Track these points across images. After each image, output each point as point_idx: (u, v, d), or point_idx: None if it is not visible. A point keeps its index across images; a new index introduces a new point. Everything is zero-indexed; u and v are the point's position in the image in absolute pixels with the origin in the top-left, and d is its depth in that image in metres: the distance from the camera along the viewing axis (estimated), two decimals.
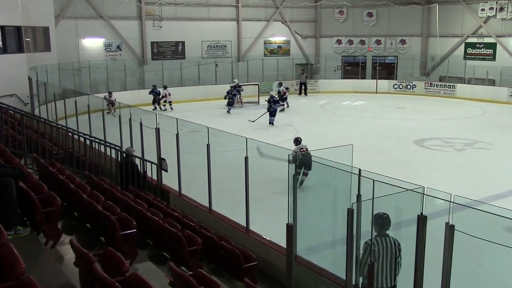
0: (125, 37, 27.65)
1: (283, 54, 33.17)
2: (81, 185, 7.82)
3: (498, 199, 11.19)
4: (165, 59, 28.87)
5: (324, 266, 6.27)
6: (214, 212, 8.77)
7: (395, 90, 31.05)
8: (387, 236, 5.51)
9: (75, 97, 15.83)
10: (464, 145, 17.14)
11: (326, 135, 18.27)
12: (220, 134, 9.86)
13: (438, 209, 4.80)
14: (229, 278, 6.45)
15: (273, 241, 7.33)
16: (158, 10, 28.44)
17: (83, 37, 26.49)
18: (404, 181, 4.89)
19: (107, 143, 11.81)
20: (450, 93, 29.28)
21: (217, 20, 30.41)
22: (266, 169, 12.10)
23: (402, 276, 5.56)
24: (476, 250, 6.19)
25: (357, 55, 33.52)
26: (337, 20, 33.67)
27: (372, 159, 13.64)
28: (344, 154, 6.67)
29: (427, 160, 15.44)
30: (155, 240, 6.91)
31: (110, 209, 6.51)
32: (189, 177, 10.08)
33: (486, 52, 29.35)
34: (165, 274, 5.60)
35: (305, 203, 6.66)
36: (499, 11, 28.25)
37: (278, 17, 32.63)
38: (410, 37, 32.36)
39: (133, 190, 9.27)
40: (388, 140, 18.10)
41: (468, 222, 4.55)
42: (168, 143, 10.20)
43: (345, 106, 26.85)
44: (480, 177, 13.49)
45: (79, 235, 6.61)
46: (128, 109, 12.16)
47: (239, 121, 21.43)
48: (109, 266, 4.32)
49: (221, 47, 30.94)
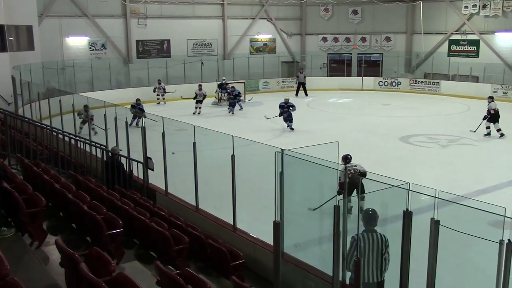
0: (109, 36, 27.45)
1: (269, 52, 33.18)
2: (66, 185, 7.75)
3: (482, 194, 11.31)
4: (151, 58, 28.73)
5: (311, 263, 6.29)
6: (201, 210, 8.75)
7: (380, 87, 31.24)
8: (374, 232, 5.55)
9: (60, 96, 15.68)
10: (449, 141, 17.30)
11: (312, 132, 18.33)
12: (207, 132, 9.83)
13: (423, 204, 4.84)
14: (216, 276, 6.44)
15: (260, 238, 7.34)
16: (143, 8, 28.28)
17: (67, 36, 26.25)
18: (390, 178, 4.93)
19: (92, 143, 11.72)
20: (434, 89, 29.53)
21: (202, 18, 30.32)
22: (253, 166, 12.09)
23: (389, 270, 5.60)
24: (461, 244, 6.26)
25: (343, 53, 33.66)
26: (322, 17, 33.76)
27: (358, 156, 13.68)
28: (330, 151, 6.69)
29: (412, 156, 15.56)
30: (142, 239, 6.88)
31: (96, 209, 6.47)
32: (176, 176, 10.05)
33: (469, 49, 29.64)
34: (152, 274, 5.58)
35: (292, 200, 6.67)
36: (482, 8, 28.54)
37: (264, 15, 32.63)
38: (395, 35, 32.58)
39: (119, 189, 9.21)
40: (374, 136, 18.20)
41: (453, 217, 4.60)
42: (154, 142, 10.16)
43: (331, 104, 26.95)
44: (464, 173, 13.63)
45: (64, 235, 6.56)
46: (114, 108, 12.07)
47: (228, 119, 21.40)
48: (96, 266, 4.29)
49: (206, 45, 30.86)
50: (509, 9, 27.52)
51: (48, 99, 16.52)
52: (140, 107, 19.63)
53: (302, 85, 29.04)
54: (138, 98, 20.80)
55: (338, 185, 6.84)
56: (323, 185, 7.30)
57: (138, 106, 19.64)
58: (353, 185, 8.16)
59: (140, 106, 19.81)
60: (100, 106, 12.79)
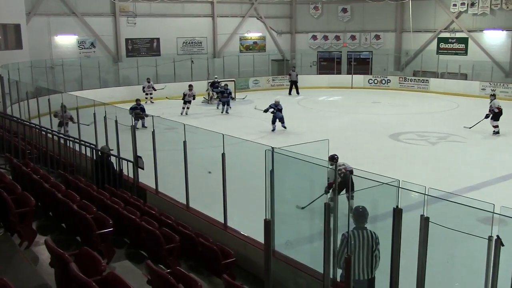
0: (98, 34, 27.29)
1: (258, 50, 33.18)
2: (56, 184, 7.71)
3: (471, 191, 11.40)
4: (140, 56, 28.62)
5: (302, 261, 6.30)
6: (192, 209, 8.74)
7: (370, 85, 31.36)
8: (365, 229, 5.58)
9: (49, 95, 15.56)
10: (438, 139, 17.41)
11: (302, 130, 18.36)
12: (197, 131, 9.81)
13: (413, 202, 4.87)
14: (207, 275, 6.44)
15: (251, 237, 7.34)
16: (132, 7, 28.15)
17: (55, 34, 26.06)
18: (380, 175, 4.95)
19: (82, 142, 11.66)
20: (423, 87, 29.70)
21: (192, 17, 30.25)
22: (243, 165, 12.09)
23: (379, 267, 5.63)
24: (451, 241, 6.30)
25: (332, 51, 33.74)
26: (312, 16, 33.81)
27: (348, 154, 13.74)
28: (320, 149, 6.71)
29: (402, 154, 15.65)
30: (132, 238, 6.86)
31: (86, 208, 6.43)
32: (166, 175, 10.03)
33: (458, 47, 29.85)
34: (143, 273, 5.56)
35: (283, 198, 6.68)
36: (471, 6, 28.74)
37: (254, 13, 32.61)
38: (384, 33, 32.71)
39: (109, 188, 9.18)
40: (364, 134, 18.27)
41: (443, 214, 4.63)
42: (144, 141, 10.12)
43: (321, 102, 27.01)
44: (453, 170, 13.73)
45: (54, 235, 6.52)
46: (103, 107, 12.01)
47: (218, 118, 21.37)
48: (86, 266, 4.27)
49: (196, 43, 30.79)
50: (497, 7, 27.74)
51: (37, 98, 16.39)
52: (141, 107, 19.52)
53: (294, 83, 28.91)
54: (138, 99, 20.71)
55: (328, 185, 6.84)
56: (314, 183, 7.31)
57: (140, 106, 19.44)
58: (344, 185, 8.05)
59: (141, 105, 19.66)
60: (90, 105, 12.71)
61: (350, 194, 7.19)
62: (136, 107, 19.18)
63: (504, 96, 26.17)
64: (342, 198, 6.10)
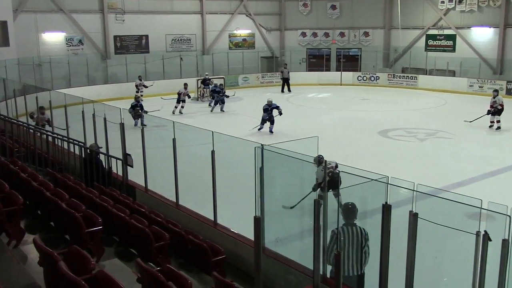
0: (86, 31, 27.10)
1: (248, 47, 33.16)
2: (44, 182, 7.65)
3: (459, 187, 11.49)
4: (129, 53, 28.45)
5: (292, 257, 6.32)
6: (182, 207, 8.72)
7: (359, 82, 31.48)
8: (354, 225, 5.60)
9: (36, 93, 15.44)
10: (427, 135, 17.53)
11: (292, 127, 18.37)
12: (186, 128, 9.79)
13: (402, 198, 4.90)
14: (197, 272, 6.44)
15: (241, 234, 7.35)
16: (120, 3, 27.97)
17: (43, 31, 25.82)
18: (369, 171, 4.97)
19: (70, 140, 11.58)
20: (412, 84, 29.87)
21: (181, 13, 30.13)
22: (233, 162, 12.09)
23: (368, 263, 5.66)
24: (439, 236, 6.34)
25: (322, 48, 33.81)
26: (301, 13, 33.85)
27: (337, 151, 13.80)
28: (310, 146, 6.73)
29: (391, 150, 15.73)
30: (122, 236, 6.83)
31: (74, 207, 6.39)
32: (156, 173, 10.00)
33: (446, 43, 30.04)
34: (133, 271, 5.55)
35: (273, 195, 6.69)
36: (458, 3, 28.93)
37: (243, 10, 32.57)
38: (373, 30, 32.84)
39: (98, 186, 9.13)
40: (353, 131, 18.35)
41: (431, 210, 4.67)
42: (133, 139, 10.08)
43: (310, 98, 27.06)
44: (442, 166, 13.83)
45: (43, 234, 6.47)
46: (92, 104, 11.94)
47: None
48: (75, 264, 4.25)
49: (185, 40, 30.69)
50: (484, 4, 27.94)
51: (24, 96, 16.26)
52: (141, 104, 19.33)
53: (286, 81, 28.84)
54: (138, 96, 20.61)
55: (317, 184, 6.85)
56: (303, 179, 7.34)
57: (139, 104, 19.22)
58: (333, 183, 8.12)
59: (140, 103, 19.45)
60: (78, 102, 12.63)
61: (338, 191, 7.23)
62: (136, 104, 19.11)
63: (492, 93, 26.38)
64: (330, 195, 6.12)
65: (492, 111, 18.11)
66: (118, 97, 24.81)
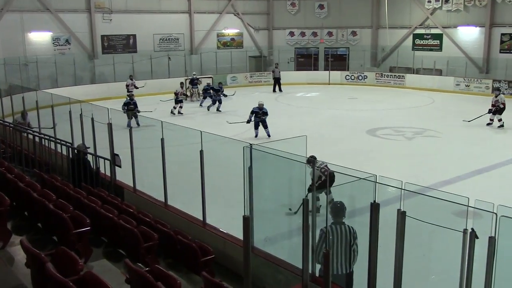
0: (73, 31, 26.90)
1: (236, 46, 33.13)
2: (31, 183, 7.59)
3: (446, 185, 11.59)
4: (116, 53, 28.28)
5: (281, 256, 6.33)
6: (170, 207, 8.69)
7: (347, 81, 31.61)
8: (343, 224, 5.62)
9: (23, 93, 15.30)
10: (414, 134, 17.64)
11: (280, 126, 18.39)
12: (174, 128, 9.77)
13: (390, 196, 4.93)
14: (186, 272, 6.42)
15: (230, 233, 7.34)
16: (107, 3, 27.81)
17: (29, 31, 25.57)
18: (357, 170, 5.00)
19: (57, 140, 11.49)
20: (399, 83, 30.04)
21: (168, 13, 30.03)
22: (222, 162, 12.08)
23: (357, 261, 5.69)
24: (427, 234, 6.40)
25: (310, 47, 33.90)
26: (289, 12, 33.89)
27: (326, 150, 13.86)
28: (298, 145, 6.73)
29: (379, 149, 15.81)
30: (110, 237, 6.79)
31: (62, 208, 6.35)
32: (144, 173, 9.96)
33: (433, 43, 30.26)
34: (121, 271, 5.52)
35: (261, 194, 6.69)
36: (445, 2, 29.15)
37: (231, 10, 32.54)
38: (361, 29, 32.98)
39: (86, 187, 9.07)
40: (342, 130, 18.42)
41: (419, 208, 4.70)
42: (121, 139, 10.03)
43: (299, 98, 27.11)
44: (429, 164, 13.92)
45: (30, 235, 6.42)
46: (79, 104, 11.86)
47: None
48: (63, 265, 4.22)
49: (173, 40, 30.59)
50: (470, 3, 28.18)
51: (11, 96, 16.11)
52: (134, 102, 19.12)
53: (277, 80, 28.76)
54: (131, 93, 20.58)
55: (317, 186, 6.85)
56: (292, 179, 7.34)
57: (132, 102, 19.04)
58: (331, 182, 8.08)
59: (134, 101, 19.26)
60: (65, 102, 12.54)
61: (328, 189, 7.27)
62: (129, 102, 18.94)
63: (478, 91, 26.70)
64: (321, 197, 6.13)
65: (493, 109, 18.25)
66: (106, 97, 24.67)
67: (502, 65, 26.80)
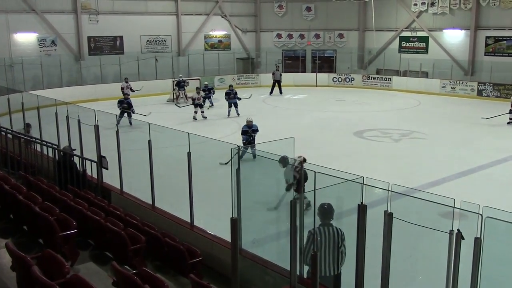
0: (60, 32, 26.70)
1: (223, 48, 33.11)
2: (17, 186, 7.52)
3: (432, 187, 11.68)
4: (103, 54, 28.10)
5: (268, 258, 6.34)
6: (158, 209, 8.66)
7: (335, 83, 31.74)
8: (331, 226, 5.64)
9: (8, 95, 15.16)
10: (401, 136, 17.76)
11: (268, 128, 18.36)
12: (162, 130, 9.73)
13: (377, 198, 4.96)
14: (174, 274, 6.40)
15: (217, 235, 7.34)
16: (94, 4, 27.63)
17: (15, 32, 25.34)
18: (345, 172, 5.02)
19: (43, 142, 11.40)
20: (386, 85, 30.24)
21: (156, 14, 29.93)
22: (209, 164, 12.06)
23: (345, 263, 5.71)
24: (414, 235, 6.44)
25: (297, 49, 33.98)
26: (276, 14, 33.96)
27: (313, 151, 13.88)
28: (286, 147, 6.75)
29: (366, 151, 15.89)
30: (97, 240, 6.75)
31: (48, 210, 6.29)
32: (131, 175, 9.91)
33: (419, 45, 30.50)
34: (108, 274, 5.49)
35: (249, 196, 6.70)
36: (431, 6, 29.40)
37: (218, 11, 32.51)
38: (348, 31, 33.15)
39: (72, 189, 9.00)
40: (329, 132, 18.50)
41: (406, 210, 4.73)
42: (108, 141, 9.97)
43: (286, 100, 27.16)
44: (416, 166, 14.03)
45: (15, 238, 6.36)
46: (65, 106, 11.77)
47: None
48: (49, 268, 4.19)
49: (160, 41, 30.49)
50: (456, 6, 28.45)
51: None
52: (128, 101, 18.88)
53: (278, 82, 28.44)
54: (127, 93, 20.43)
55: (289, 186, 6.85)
56: (279, 180, 7.36)
57: (127, 101, 18.78)
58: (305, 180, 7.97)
59: (128, 100, 19.00)
60: (51, 104, 12.43)
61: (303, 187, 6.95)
62: (123, 100, 18.79)
63: (463, 94, 26.97)
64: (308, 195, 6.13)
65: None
66: (93, 98, 24.51)
67: (487, 67, 27.09)
